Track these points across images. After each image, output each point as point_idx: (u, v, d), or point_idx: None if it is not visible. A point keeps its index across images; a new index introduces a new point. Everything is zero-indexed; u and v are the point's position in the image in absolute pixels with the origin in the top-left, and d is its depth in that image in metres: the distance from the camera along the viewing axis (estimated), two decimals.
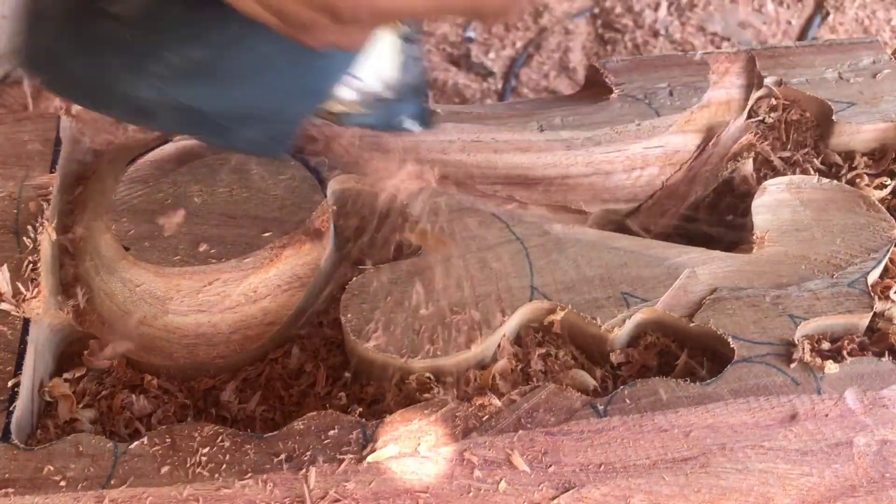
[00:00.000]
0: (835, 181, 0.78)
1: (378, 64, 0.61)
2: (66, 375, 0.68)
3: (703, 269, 0.71)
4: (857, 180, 0.80)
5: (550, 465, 0.59)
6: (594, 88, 0.87)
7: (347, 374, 0.69)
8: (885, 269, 0.73)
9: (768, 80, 0.86)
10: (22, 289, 0.66)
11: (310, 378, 0.69)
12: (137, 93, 0.54)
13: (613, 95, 0.83)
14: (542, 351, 0.68)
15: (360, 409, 0.63)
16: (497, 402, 0.62)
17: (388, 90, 0.63)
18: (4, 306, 0.66)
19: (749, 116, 0.85)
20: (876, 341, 0.69)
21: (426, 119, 0.67)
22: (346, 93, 0.61)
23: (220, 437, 0.60)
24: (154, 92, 0.54)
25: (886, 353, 0.67)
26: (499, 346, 0.68)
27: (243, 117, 0.58)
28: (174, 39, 0.53)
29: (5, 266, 0.68)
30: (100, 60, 0.54)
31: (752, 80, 0.86)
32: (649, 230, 0.81)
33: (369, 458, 0.59)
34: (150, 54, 0.53)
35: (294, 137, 0.62)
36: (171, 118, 0.57)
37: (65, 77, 0.57)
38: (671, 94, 0.83)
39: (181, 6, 0.52)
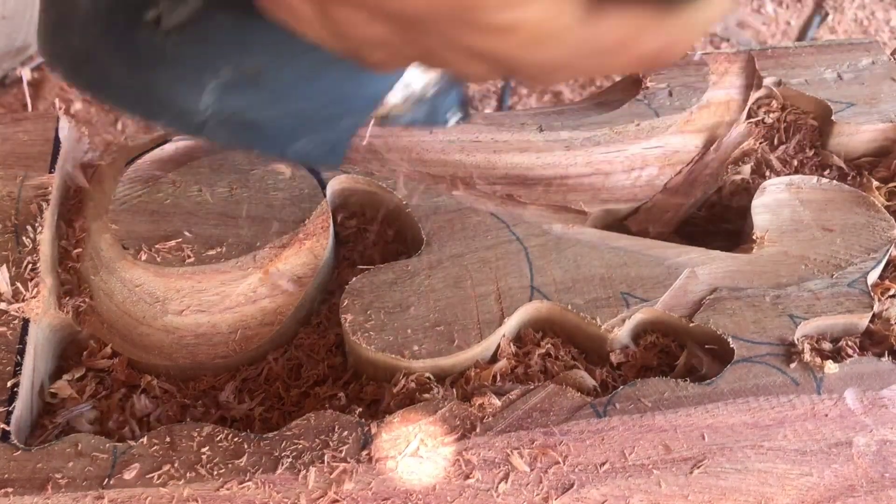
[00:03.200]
0: (834, 181, 0.78)
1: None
2: (66, 377, 0.68)
3: (702, 269, 0.71)
4: (866, 183, 0.80)
5: (550, 466, 0.59)
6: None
7: (347, 375, 0.69)
8: (885, 269, 0.73)
9: (767, 81, 0.86)
10: (21, 289, 0.66)
11: (309, 378, 0.69)
12: (189, 105, 0.51)
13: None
14: (542, 351, 0.68)
15: (360, 410, 0.63)
16: (497, 402, 0.62)
17: (433, 86, 0.62)
18: (4, 306, 0.66)
19: (748, 117, 0.85)
20: (876, 341, 0.69)
21: (466, 108, 0.66)
22: (395, 96, 0.60)
23: (219, 438, 0.60)
24: (206, 104, 0.51)
25: (886, 353, 0.67)
26: (498, 346, 0.68)
27: (297, 127, 0.56)
28: (226, 50, 0.50)
29: (5, 266, 0.67)
30: (147, 72, 0.51)
31: (752, 81, 0.86)
32: (648, 231, 0.81)
33: (368, 459, 0.59)
34: (203, 66, 0.50)
35: (349, 146, 0.61)
36: (222, 130, 0.54)
37: (108, 85, 0.54)
38: (670, 94, 0.83)
39: (230, 14, 0.49)
